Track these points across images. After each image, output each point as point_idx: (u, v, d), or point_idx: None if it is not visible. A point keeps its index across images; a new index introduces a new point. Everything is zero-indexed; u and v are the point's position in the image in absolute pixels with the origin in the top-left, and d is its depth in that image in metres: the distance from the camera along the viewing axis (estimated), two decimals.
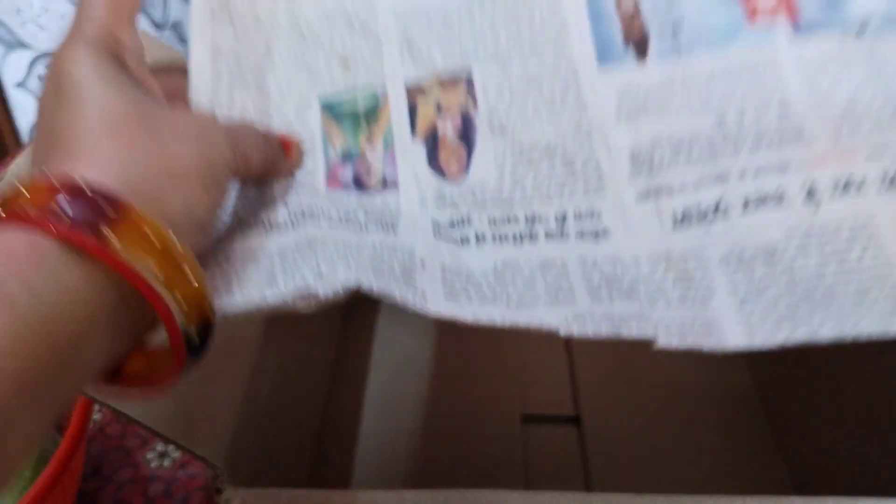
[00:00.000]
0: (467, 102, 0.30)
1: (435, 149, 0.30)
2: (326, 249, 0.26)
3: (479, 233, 0.29)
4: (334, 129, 0.31)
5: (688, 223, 0.27)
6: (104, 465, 0.44)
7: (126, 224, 0.19)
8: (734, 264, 0.26)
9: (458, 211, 0.29)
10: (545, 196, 0.29)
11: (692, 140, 0.28)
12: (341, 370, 0.63)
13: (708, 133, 0.28)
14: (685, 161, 0.28)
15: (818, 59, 0.28)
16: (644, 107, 0.29)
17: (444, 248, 0.28)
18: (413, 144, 0.30)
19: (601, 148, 0.29)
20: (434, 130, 0.30)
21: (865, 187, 0.26)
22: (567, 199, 0.28)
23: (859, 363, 0.44)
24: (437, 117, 0.30)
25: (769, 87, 0.28)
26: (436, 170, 0.30)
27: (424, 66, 0.30)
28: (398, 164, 0.30)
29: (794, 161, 0.27)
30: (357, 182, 0.30)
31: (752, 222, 0.26)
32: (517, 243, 0.28)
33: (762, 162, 0.27)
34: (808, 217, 0.26)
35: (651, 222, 0.28)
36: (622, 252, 0.28)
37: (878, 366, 0.42)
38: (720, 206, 0.27)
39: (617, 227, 0.28)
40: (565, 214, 0.28)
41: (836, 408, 0.47)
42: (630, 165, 0.28)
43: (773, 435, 0.55)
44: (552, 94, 0.29)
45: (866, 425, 0.43)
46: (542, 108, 0.29)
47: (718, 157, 0.27)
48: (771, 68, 0.28)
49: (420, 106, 0.30)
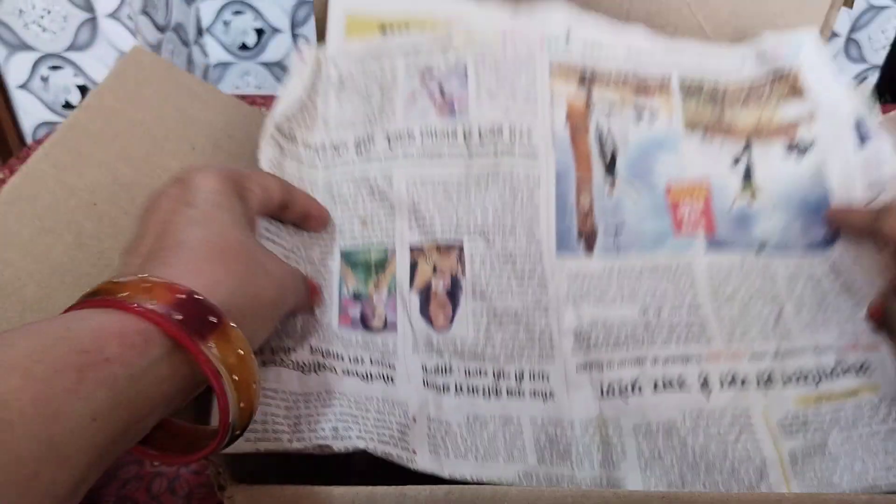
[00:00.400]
0: (457, 267, 0.36)
1: (427, 301, 0.35)
2: (343, 406, 0.31)
3: (457, 382, 0.33)
4: (349, 274, 0.36)
5: (612, 395, 0.33)
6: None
7: (221, 334, 0.23)
8: (642, 434, 0.32)
9: (443, 358, 0.34)
10: (510, 355, 0.34)
11: (620, 326, 0.35)
12: None
13: (633, 321, 0.35)
14: (614, 343, 0.34)
15: (725, 268, 0.36)
16: (588, 293, 0.35)
17: (430, 398, 0.33)
18: (410, 294, 0.35)
19: (554, 323, 0.35)
20: (428, 285, 0.35)
21: (747, 383, 0.33)
22: (525, 361, 0.34)
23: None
24: (432, 276, 0.36)
25: (684, 287, 0.36)
26: (426, 319, 0.35)
27: (427, 234, 0.36)
28: (398, 310, 0.35)
29: (695, 355, 0.34)
30: (363, 321, 0.35)
31: (659, 401, 0.33)
32: (486, 397, 0.33)
33: (671, 353, 0.34)
34: (701, 402, 0.32)
35: (586, 390, 0.33)
36: (563, 415, 0.33)
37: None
38: (636, 384, 0.33)
39: (561, 391, 0.33)
40: (523, 373, 0.33)
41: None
42: (574, 341, 0.34)
43: None
44: (523, 271, 0.36)
45: None
46: (513, 282, 0.35)
47: (639, 344, 0.34)
48: (687, 272, 0.36)
49: (420, 264, 0.36)
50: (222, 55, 1.37)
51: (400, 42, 0.40)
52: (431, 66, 0.39)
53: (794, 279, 0.36)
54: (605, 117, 0.39)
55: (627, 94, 0.40)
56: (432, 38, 0.40)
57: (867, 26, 1.33)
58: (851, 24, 1.33)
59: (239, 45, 1.36)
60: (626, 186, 0.38)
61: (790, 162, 0.39)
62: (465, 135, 0.37)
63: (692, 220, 0.38)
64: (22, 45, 1.14)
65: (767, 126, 0.40)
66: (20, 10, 1.10)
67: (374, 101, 0.39)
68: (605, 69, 0.40)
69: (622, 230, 0.37)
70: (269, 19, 1.32)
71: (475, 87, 0.38)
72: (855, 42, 1.36)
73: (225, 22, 1.33)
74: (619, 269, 0.36)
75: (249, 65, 1.38)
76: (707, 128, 0.40)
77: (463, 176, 0.37)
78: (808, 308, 0.35)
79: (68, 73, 1.16)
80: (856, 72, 1.40)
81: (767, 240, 0.37)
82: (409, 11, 0.41)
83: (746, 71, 0.42)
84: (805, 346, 0.34)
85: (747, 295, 0.35)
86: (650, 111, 0.40)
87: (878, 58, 1.37)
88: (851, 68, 1.39)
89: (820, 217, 0.37)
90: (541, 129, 0.38)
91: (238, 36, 1.35)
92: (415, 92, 0.39)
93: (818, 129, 0.39)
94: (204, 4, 1.31)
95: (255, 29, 1.33)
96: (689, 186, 0.39)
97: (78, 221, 0.29)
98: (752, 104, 0.41)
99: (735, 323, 0.34)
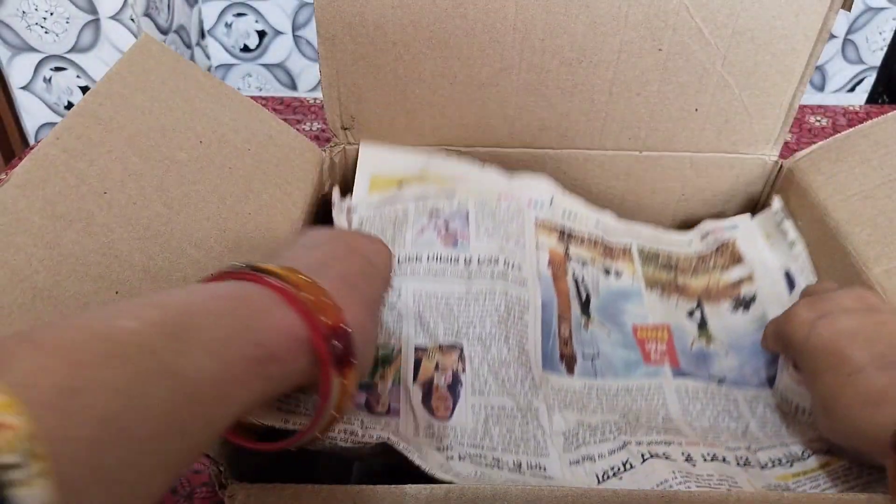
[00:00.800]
0: (458, 366, 0.39)
1: (429, 394, 0.38)
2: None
3: (459, 454, 0.35)
4: None
5: (608, 478, 0.35)
6: None
7: (350, 373, 0.26)
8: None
9: (442, 442, 0.36)
10: (507, 447, 0.36)
11: (604, 426, 0.38)
12: None
13: (616, 422, 0.38)
14: (601, 440, 0.37)
15: (691, 392, 0.41)
16: (571, 403, 0.40)
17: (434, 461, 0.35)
18: (414, 386, 0.38)
19: (546, 424, 0.38)
20: (431, 380, 0.39)
21: (728, 461, 0.36)
22: (522, 453, 0.36)
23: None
24: (434, 372, 0.39)
25: (657, 404, 0.40)
26: (428, 409, 0.38)
27: (430, 337, 0.40)
28: (401, 398, 0.38)
29: (675, 441, 0.37)
30: (368, 406, 0.38)
31: (650, 469, 0.35)
32: (488, 468, 0.35)
33: (653, 439, 0.37)
34: (688, 467, 0.35)
35: (583, 479, 0.35)
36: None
37: None
38: (627, 462, 0.36)
39: (559, 477, 0.35)
40: (521, 464, 0.36)
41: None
42: (563, 441, 0.37)
43: None
44: (516, 375, 0.39)
45: None
46: (507, 383, 0.39)
47: (622, 435, 0.38)
48: (658, 393, 0.41)
49: (423, 362, 0.39)
50: (224, 57, 1.38)
51: (413, 191, 0.47)
52: (438, 207, 0.46)
53: (754, 403, 0.41)
54: (580, 267, 0.47)
55: (597, 254, 0.48)
56: (440, 188, 0.47)
57: (864, 28, 1.34)
58: (848, 25, 1.34)
59: (241, 46, 1.36)
60: (598, 325, 0.45)
61: (738, 315, 0.46)
62: (466, 261, 0.43)
63: (658, 354, 0.44)
64: (25, 47, 1.14)
65: (715, 288, 0.48)
66: (23, 11, 1.10)
67: (387, 235, 0.45)
68: (579, 232, 0.49)
69: (598, 358, 0.43)
70: (271, 21, 1.33)
71: (475, 227, 0.45)
72: (852, 43, 1.36)
73: (227, 24, 1.33)
74: (597, 388, 0.41)
75: (251, 66, 1.39)
76: (664, 287, 0.48)
77: (463, 292, 0.42)
78: (771, 424, 0.39)
79: (71, 75, 1.17)
80: (853, 73, 1.40)
81: (725, 376, 0.42)
82: (423, 171, 0.49)
83: (693, 248, 0.51)
84: (774, 443, 0.38)
85: (714, 413, 0.40)
86: (616, 270, 0.48)
87: (876, 59, 1.38)
88: (848, 70, 1.40)
89: (767, 358, 0.43)
90: (529, 266, 0.44)
91: (240, 38, 1.35)
92: (423, 227, 0.45)
93: (757, 285, 0.47)
94: (206, 6, 1.31)
95: (256, 31, 1.34)
96: (653, 329, 0.45)
97: (88, 209, 0.29)
98: (700, 273, 0.49)
99: (707, 431, 0.39)
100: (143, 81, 0.35)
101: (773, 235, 0.50)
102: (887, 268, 0.40)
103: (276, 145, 0.43)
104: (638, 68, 0.46)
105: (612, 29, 0.45)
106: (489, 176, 0.49)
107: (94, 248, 0.29)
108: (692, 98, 0.48)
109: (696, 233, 0.51)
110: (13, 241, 0.26)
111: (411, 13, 0.44)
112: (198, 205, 0.35)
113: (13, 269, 0.26)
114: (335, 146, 0.50)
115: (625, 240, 0.50)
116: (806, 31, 0.46)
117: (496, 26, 0.45)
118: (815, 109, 0.77)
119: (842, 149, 0.47)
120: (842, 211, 0.44)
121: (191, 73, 0.39)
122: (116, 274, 0.29)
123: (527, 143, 0.51)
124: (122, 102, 0.33)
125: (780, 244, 0.49)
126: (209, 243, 0.34)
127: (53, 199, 0.28)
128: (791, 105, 0.48)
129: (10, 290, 0.25)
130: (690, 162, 0.52)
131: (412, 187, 0.48)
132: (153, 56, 0.37)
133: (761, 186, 0.53)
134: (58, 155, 0.29)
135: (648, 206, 0.54)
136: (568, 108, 0.48)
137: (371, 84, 0.47)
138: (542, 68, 0.47)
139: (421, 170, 0.49)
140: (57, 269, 0.27)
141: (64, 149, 0.30)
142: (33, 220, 0.27)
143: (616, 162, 0.52)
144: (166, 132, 0.35)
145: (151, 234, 0.31)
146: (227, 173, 0.37)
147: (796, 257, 0.47)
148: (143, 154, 0.33)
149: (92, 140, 0.31)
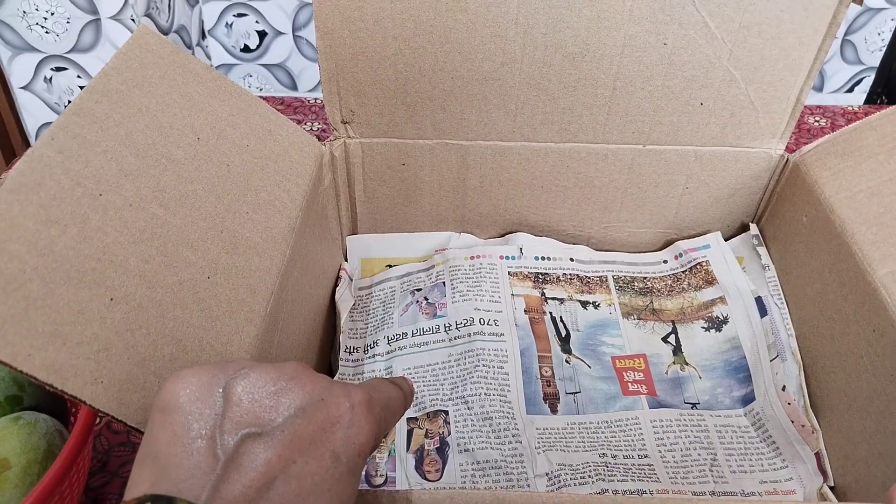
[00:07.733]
0: (444, 430, 0.43)
1: (421, 460, 0.42)
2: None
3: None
4: None
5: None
6: (111, 459, 0.44)
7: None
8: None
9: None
10: (494, 496, 0.39)
11: (584, 467, 0.41)
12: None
13: (595, 462, 0.41)
14: (580, 482, 0.40)
15: (665, 422, 0.44)
16: (554, 444, 0.43)
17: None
18: (407, 456, 0.43)
19: (529, 469, 0.41)
20: (422, 448, 0.43)
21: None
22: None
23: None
24: (424, 440, 0.43)
25: (634, 437, 0.44)
26: (420, 473, 0.42)
27: (419, 408, 0.45)
28: (397, 468, 0.42)
29: (647, 490, 0.40)
30: (367, 479, 0.42)
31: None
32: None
33: (628, 488, 0.40)
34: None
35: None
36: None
37: None
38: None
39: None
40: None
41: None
42: (546, 481, 0.40)
43: None
44: (499, 427, 0.43)
45: None
46: (492, 437, 0.42)
47: (602, 481, 0.40)
48: (635, 425, 0.44)
49: (414, 431, 0.44)
50: (225, 57, 1.37)
51: (398, 270, 0.54)
52: (419, 287, 0.52)
53: (723, 430, 0.44)
54: (557, 305, 0.51)
55: (573, 290, 0.52)
56: (420, 265, 0.54)
57: (863, 28, 1.33)
58: (847, 25, 1.33)
59: (241, 47, 1.36)
60: (579, 359, 0.48)
61: (711, 334, 0.49)
62: (446, 328, 0.48)
63: (636, 384, 0.47)
64: (26, 47, 1.14)
65: (689, 308, 0.51)
66: (24, 11, 1.10)
67: (378, 315, 0.51)
68: (554, 272, 0.53)
69: (579, 396, 0.46)
70: (272, 22, 1.32)
71: (451, 293, 0.51)
72: (851, 44, 1.36)
73: (227, 24, 1.33)
74: (579, 424, 0.44)
75: (252, 66, 1.38)
76: (640, 314, 0.51)
77: (446, 357, 0.47)
78: (735, 455, 0.43)
79: (71, 75, 1.16)
80: (851, 73, 1.39)
81: (698, 400, 0.46)
82: (406, 254, 0.56)
83: (669, 266, 0.54)
84: (735, 490, 0.41)
85: (686, 443, 0.43)
86: (593, 302, 0.52)
87: (874, 59, 1.37)
88: (847, 70, 1.39)
89: (739, 377, 0.47)
90: (505, 317, 0.49)
91: (240, 38, 1.35)
92: (408, 305, 0.51)
93: (729, 307, 0.50)
94: (207, 7, 1.31)
95: (257, 31, 1.34)
96: (630, 358, 0.49)
97: (83, 213, 0.28)
98: (675, 293, 0.52)
99: (677, 467, 0.42)
100: (140, 76, 0.34)
101: (747, 259, 0.53)
102: (892, 269, 0.40)
103: (275, 140, 0.42)
104: (642, 63, 0.46)
105: (615, 23, 0.45)
106: (463, 241, 0.56)
107: (89, 254, 0.28)
108: (697, 92, 0.47)
109: (670, 252, 0.55)
110: (6, 248, 0.25)
111: (411, 7, 0.44)
112: (195, 205, 0.34)
113: (6, 278, 0.25)
114: (335, 140, 0.50)
115: (601, 270, 0.54)
116: (815, 25, 0.45)
117: (498, 20, 0.44)
118: (814, 110, 0.77)
119: (849, 142, 0.47)
120: (847, 208, 0.44)
121: (189, 65, 0.38)
122: (111, 280, 0.28)
123: (528, 137, 0.50)
124: (119, 99, 0.33)
125: (754, 267, 0.52)
126: (205, 245, 0.33)
127: (48, 203, 0.27)
128: (798, 99, 0.48)
129: (3, 300, 0.24)
130: (695, 155, 0.51)
131: (398, 267, 0.55)
132: (151, 49, 0.36)
133: (766, 180, 0.52)
134: (53, 156, 0.28)
135: (652, 199, 0.54)
136: (571, 102, 0.48)
137: (371, 78, 0.47)
138: (544, 62, 0.46)
139: (403, 248, 0.56)
140: (51, 276, 0.26)
141: (59, 150, 0.29)
142: (27, 226, 0.26)
143: (619, 155, 0.51)
144: (163, 129, 0.34)
145: (147, 237, 0.31)
146: (224, 171, 0.37)
147: (768, 282, 0.50)
148: (139, 153, 0.32)
149: (87, 139, 0.30)
